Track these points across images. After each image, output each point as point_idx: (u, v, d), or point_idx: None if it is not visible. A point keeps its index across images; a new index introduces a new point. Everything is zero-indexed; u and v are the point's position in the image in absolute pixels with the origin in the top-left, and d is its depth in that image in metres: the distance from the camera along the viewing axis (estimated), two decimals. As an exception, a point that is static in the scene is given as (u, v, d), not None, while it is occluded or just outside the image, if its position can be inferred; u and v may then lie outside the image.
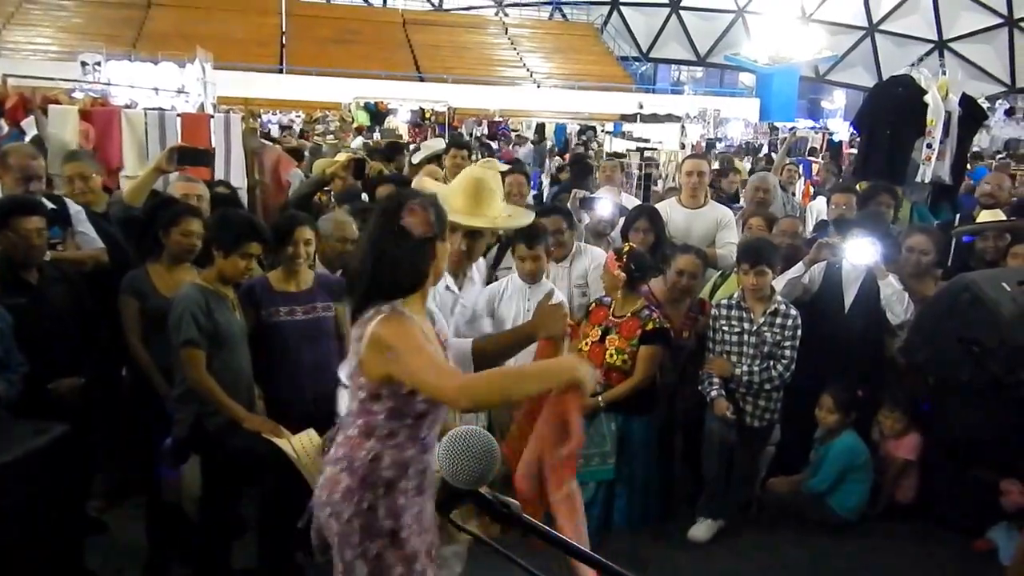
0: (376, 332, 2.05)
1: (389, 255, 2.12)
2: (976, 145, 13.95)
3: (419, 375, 2.02)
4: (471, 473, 1.21)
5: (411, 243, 2.11)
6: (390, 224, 2.12)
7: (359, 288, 2.16)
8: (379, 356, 2.05)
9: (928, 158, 6.13)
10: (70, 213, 3.93)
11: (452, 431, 1.25)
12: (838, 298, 4.43)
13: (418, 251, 2.13)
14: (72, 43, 21.94)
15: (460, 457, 1.21)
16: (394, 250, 2.12)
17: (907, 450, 4.34)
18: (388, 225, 2.13)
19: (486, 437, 1.23)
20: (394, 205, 2.16)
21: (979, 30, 27.86)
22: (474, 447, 1.22)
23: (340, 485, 2.14)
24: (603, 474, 3.91)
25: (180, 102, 9.78)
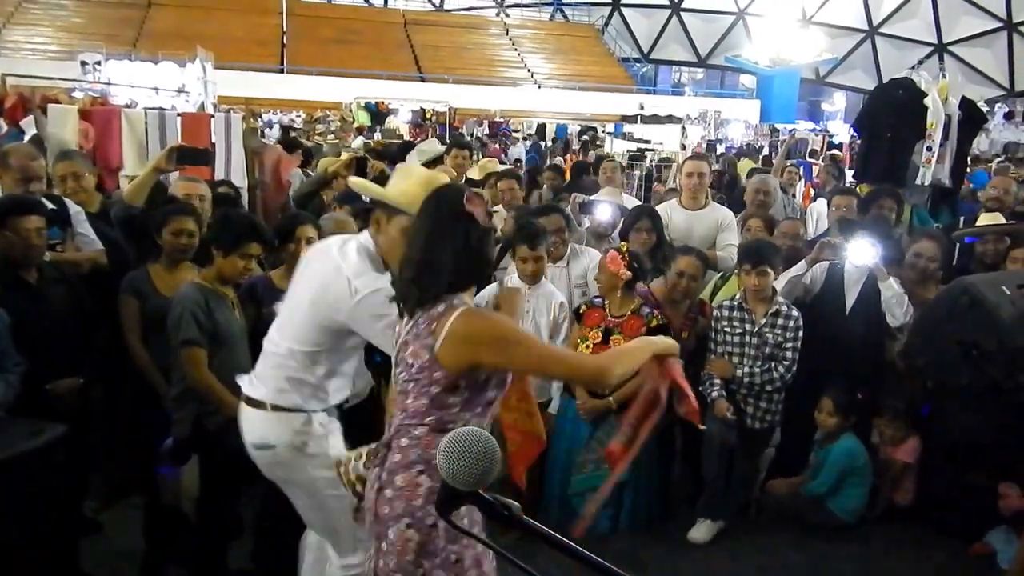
0: (461, 328, 2.03)
1: (462, 244, 2.08)
2: (975, 148, 13.97)
3: (546, 364, 2.19)
4: (471, 474, 1.20)
5: (480, 231, 2.10)
6: (456, 213, 2.09)
7: (428, 281, 2.08)
8: (466, 349, 2.03)
9: (928, 161, 6.13)
10: (70, 214, 3.93)
11: (452, 432, 1.24)
12: (839, 300, 4.43)
13: (485, 239, 2.14)
14: (72, 42, 21.94)
15: (460, 458, 1.21)
16: (465, 239, 2.08)
17: (906, 453, 4.34)
18: (454, 214, 2.09)
19: (486, 438, 1.23)
20: (456, 193, 2.15)
21: (978, 34, 27.87)
22: (474, 448, 1.21)
23: (421, 488, 2.07)
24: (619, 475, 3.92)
25: (180, 102, 9.77)
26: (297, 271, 2.71)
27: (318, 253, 2.68)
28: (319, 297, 2.50)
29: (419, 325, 2.09)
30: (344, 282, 2.43)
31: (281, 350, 2.61)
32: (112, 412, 3.83)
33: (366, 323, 2.45)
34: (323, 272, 2.51)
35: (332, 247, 2.59)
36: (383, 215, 2.52)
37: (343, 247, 2.54)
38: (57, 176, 4.18)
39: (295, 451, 2.62)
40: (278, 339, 2.63)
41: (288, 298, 2.68)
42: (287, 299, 2.69)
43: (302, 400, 2.62)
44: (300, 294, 2.60)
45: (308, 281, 2.58)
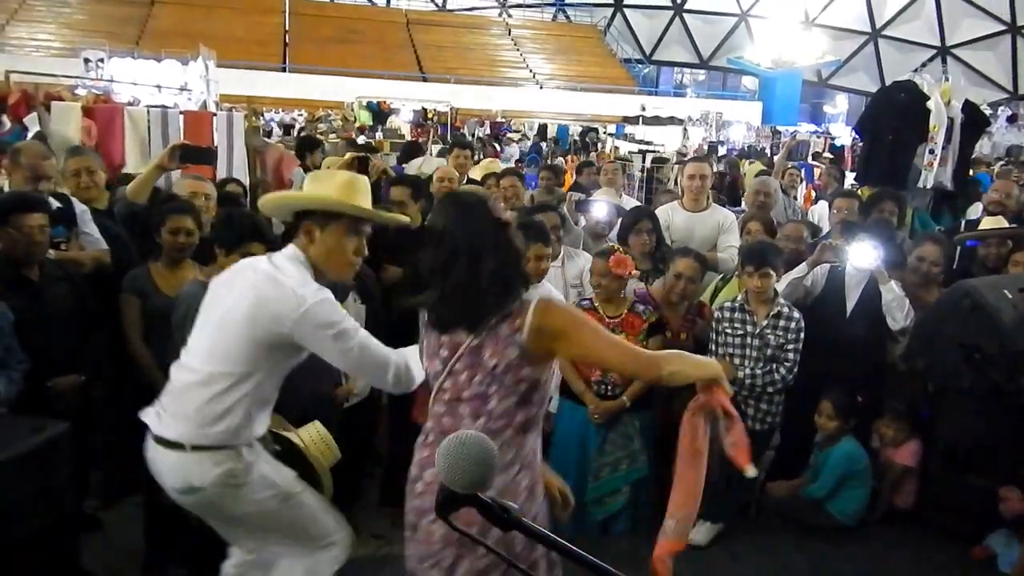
0: (544, 320, 2.08)
1: (508, 253, 2.14)
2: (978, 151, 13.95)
3: (612, 350, 2.16)
4: (470, 477, 1.20)
5: (512, 233, 2.17)
6: (493, 222, 2.14)
7: (495, 291, 2.09)
8: (549, 338, 2.09)
9: (930, 164, 6.14)
10: (76, 213, 3.94)
11: (451, 436, 1.24)
12: (840, 302, 4.43)
13: (518, 240, 2.20)
14: (75, 40, 21.99)
15: (459, 461, 1.21)
16: (508, 246, 2.14)
17: (906, 456, 4.33)
18: (492, 225, 2.14)
19: (484, 441, 1.23)
20: (481, 204, 2.20)
21: (982, 36, 27.87)
22: (472, 451, 1.21)
23: (522, 487, 2.15)
24: (636, 473, 3.93)
25: (183, 100, 9.78)
26: (212, 291, 2.53)
27: (243, 268, 2.50)
28: (257, 311, 2.33)
29: (494, 329, 2.10)
30: (287, 292, 2.31)
31: (199, 377, 2.40)
32: (113, 410, 3.83)
33: (313, 333, 2.33)
34: (256, 285, 2.36)
35: (258, 261, 2.47)
36: (315, 225, 2.42)
37: (271, 260, 2.42)
38: (70, 171, 4.16)
39: (228, 488, 2.41)
40: (196, 365, 2.43)
41: (206, 321, 2.48)
42: (203, 322, 2.49)
43: (227, 435, 2.39)
44: (228, 312, 2.39)
45: (238, 297, 2.38)
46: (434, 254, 2.15)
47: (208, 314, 2.48)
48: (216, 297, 2.48)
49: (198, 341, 2.47)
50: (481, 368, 2.11)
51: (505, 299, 2.10)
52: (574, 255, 4.50)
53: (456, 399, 2.16)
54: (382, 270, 4.26)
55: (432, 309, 2.20)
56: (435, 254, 2.14)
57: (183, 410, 2.41)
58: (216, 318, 2.43)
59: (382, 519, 4.10)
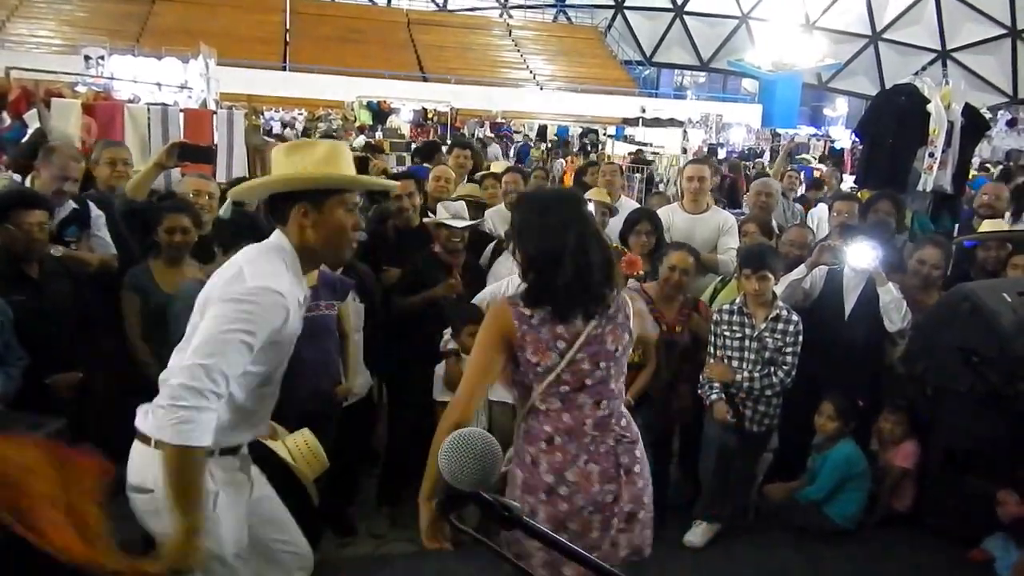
0: (637, 308, 2.41)
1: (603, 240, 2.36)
2: (977, 155, 13.98)
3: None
4: (473, 474, 1.20)
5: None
6: (587, 212, 2.38)
7: (610, 280, 2.30)
8: (639, 325, 2.41)
9: (930, 167, 6.13)
10: (91, 216, 4.00)
11: (454, 433, 1.24)
12: (839, 304, 4.43)
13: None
14: (75, 37, 21.98)
15: (462, 458, 1.20)
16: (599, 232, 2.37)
17: (904, 459, 4.34)
18: (589, 215, 2.37)
19: (488, 438, 1.23)
20: (574, 196, 2.45)
21: (982, 40, 27.91)
22: (476, 448, 1.21)
23: (639, 453, 2.41)
24: None
25: (183, 98, 9.77)
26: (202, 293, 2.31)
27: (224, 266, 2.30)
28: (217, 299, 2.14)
29: (611, 316, 2.31)
30: (236, 271, 2.13)
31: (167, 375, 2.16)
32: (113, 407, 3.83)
33: (219, 307, 2.06)
34: (223, 276, 2.19)
35: (237, 256, 2.26)
36: (308, 205, 2.18)
37: (246, 253, 2.23)
38: (106, 160, 4.41)
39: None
40: (173, 362, 2.20)
41: (193, 317, 2.27)
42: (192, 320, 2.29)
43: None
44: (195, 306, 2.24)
45: (210, 290, 2.21)
46: (539, 247, 2.24)
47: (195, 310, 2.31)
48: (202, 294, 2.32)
49: (187, 337, 2.26)
50: (604, 354, 2.29)
51: (612, 286, 2.31)
52: None
53: (578, 388, 2.28)
54: (381, 271, 4.26)
55: (547, 301, 2.25)
56: (541, 247, 2.23)
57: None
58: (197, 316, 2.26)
59: (380, 518, 4.10)
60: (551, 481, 2.28)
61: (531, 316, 2.26)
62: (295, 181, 2.21)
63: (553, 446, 2.28)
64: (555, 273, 2.21)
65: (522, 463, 2.33)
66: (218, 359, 2.01)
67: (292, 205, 2.19)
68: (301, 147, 2.29)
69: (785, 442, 4.55)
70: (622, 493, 2.33)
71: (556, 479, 2.28)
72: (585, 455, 2.29)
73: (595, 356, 2.27)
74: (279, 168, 2.25)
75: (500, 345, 2.26)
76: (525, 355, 2.26)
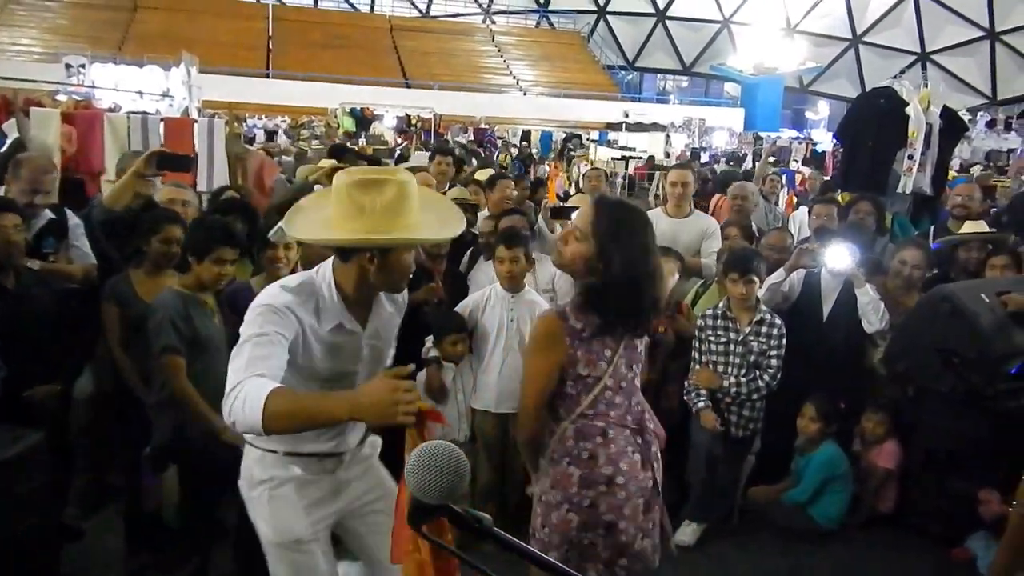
0: None
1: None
2: (956, 156, 14.10)
3: None
4: (439, 488, 1.19)
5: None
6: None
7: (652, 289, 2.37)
8: None
9: (909, 169, 6.20)
10: (69, 226, 3.94)
11: (420, 446, 1.23)
12: (817, 307, 4.46)
13: None
14: (56, 44, 21.80)
15: (428, 472, 1.20)
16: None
17: (887, 460, 4.36)
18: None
19: (455, 451, 1.22)
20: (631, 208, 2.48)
21: (961, 43, 28.18)
22: (442, 461, 1.20)
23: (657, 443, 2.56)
24: None
25: (164, 106, 9.73)
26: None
27: None
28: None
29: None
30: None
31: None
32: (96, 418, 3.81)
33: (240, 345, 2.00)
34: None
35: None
36: (373, 257, 2.09)
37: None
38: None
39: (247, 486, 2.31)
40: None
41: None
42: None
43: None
44: None
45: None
46: (627, 265, 2.29)
47: None
48: None
49: None
50: (635, 357, 2.47)
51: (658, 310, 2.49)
52: (545, 260, 4.51)
53: (617, 390, 2.41)
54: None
55: (601, 314, 2.33)
56: (631, 266, 2.30)
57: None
58: None
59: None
60: (610, 472, 2.38)
61: (582, 330, 2.34)
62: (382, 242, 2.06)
63: (608, 439, 2.40)
64: (636, 291, 2.32)
65: (578, 460, 2.39)
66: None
67: (352, 254, 2.11)
68: (369, 187, 2.05)
69: (768, 444, 4.56)
70: (656, 479, 2.50)
71: (614, 470, 2.39)
72: (630, 447, 2.43)
73: (630, 360, 2.45)
74: (343, 206, 2.07)
75: (556, 362, 2.35)
76: (576, 369, 2.36)
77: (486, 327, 3.95)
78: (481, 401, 4.01)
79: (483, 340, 3.97)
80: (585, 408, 2.39)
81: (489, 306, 3.97)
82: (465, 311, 4.01)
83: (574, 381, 2.38)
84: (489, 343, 3.95)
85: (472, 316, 3.99)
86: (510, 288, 3.94)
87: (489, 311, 3.96)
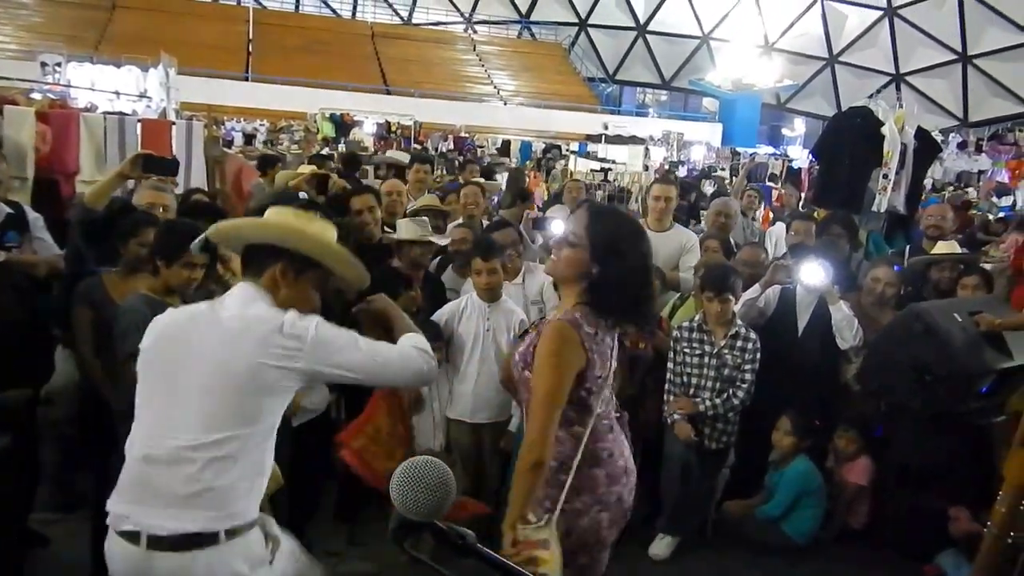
0: None
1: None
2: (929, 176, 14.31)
3: None
4: (425, 505, 1.17)
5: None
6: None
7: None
8: None
9: (884, 188, 6.27)
10: (28, 219, 3.86)
11: (406, 463, 1.21)
12: (791, 322, 4.49)
13: None
14: (32, 43, 21.47)
15: (414, 488, 1.18)
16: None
17: (859, 476, 4.40)
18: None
19: (441, 468, 1.20)
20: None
21: (934, 65, 28.65)
22: (428, 478, 1.18)
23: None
24: None
25: (142, 107, 9.62)
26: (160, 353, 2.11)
27: (189, 323, 2.12)
28: (241, 359, 2.00)
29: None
30: (270, 329, 2.01)
31: (203, 450, 1.97)
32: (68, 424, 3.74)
33: (339, 351, 2.05)
34: (226, 335, 2.03)
35: (206, 310, 2.12)
36: (291, 268, 2.12)
37: (225, 305, 2.10)
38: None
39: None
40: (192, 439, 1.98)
41: (168, 389, 2.06)
42: (165, 391, 2.08)
43: (244, 505, 2.03)
44: (201, 372, 2.02)
45: (211, 351, 2.03)
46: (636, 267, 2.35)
47: (168, 380, 2.07)
48: (170, 359, 2.08)
49: (177, 414, 2.03)
50: (616, 350, 2.51)
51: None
52: (534, 270, 4.51)
53: (608, 384, 2.44)
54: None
55: (611, 314, 2.36)
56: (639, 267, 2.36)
57: (184, 496, 1.95)
58: (184, 385, 2.04)
59: (337, 536, 4.03)
60: (624, 463, 2.46)
61: (595, 333, 2.35)
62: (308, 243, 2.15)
63: (615, 434, 2.47)
64: (640, 291, 2.38)
65: (600, 460, 2.40)
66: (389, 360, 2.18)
67: (277, 261, 2.13)
68: (302, 217, 2.21)
69: (742, 458, 4.59)
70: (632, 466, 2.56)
71: (626, 460, 2.47)
72: (621, 432, 2.52)
73: (615, 353, 2.51)
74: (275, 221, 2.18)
75: (573, 372, 2.30)
76: (593, 372, 2.35)
77: (462, 337, 3.94)
78: (456, 411, 3.99)
79: (459, 350, 3.96)
80: (598, 407, 2.41)
81: (466, 316, 3.96)
82: (441, 320, 3.99)
83: (590, 383, 2.35)
84: (465, 353, 3.93)
85: (448, 325, 3.97)
86: (488, 298, 3.93)
87: (466, 320, 3.95)
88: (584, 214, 2.39)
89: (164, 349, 2.11)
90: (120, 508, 2.00)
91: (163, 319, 2.18)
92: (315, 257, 2.17)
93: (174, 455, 1.98)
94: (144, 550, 1.93)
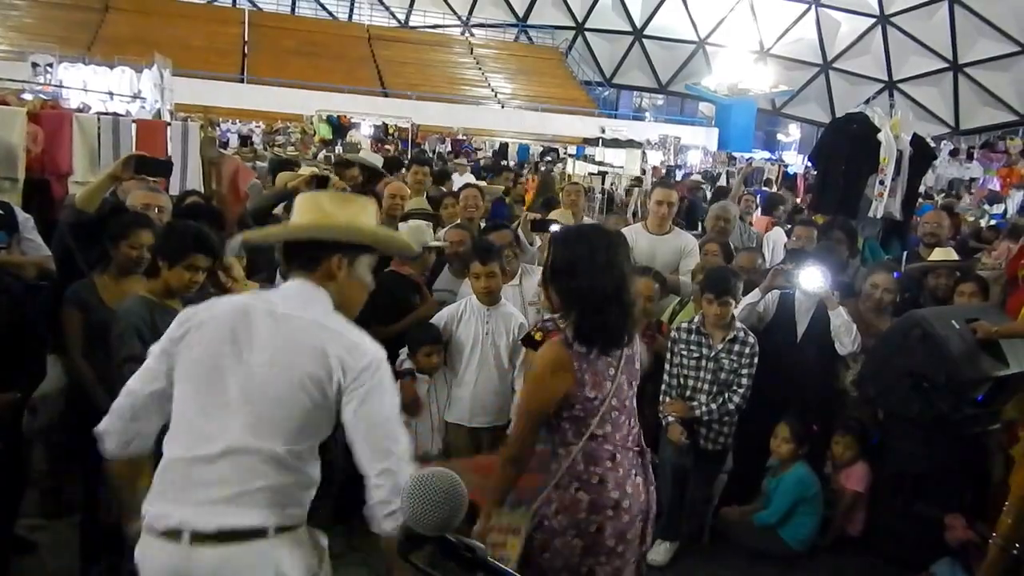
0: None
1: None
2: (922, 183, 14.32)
3: None
4: (436, 519, 1.15)
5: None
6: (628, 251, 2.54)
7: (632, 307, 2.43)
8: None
9: (880, 194, 6.28)
10: (18, 220, 3.81)
11: (415, 475, 1.18)
12: (790, 327, 4.48)
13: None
14: (24, 44, 21.35)
15: (425, 502, 1.15)
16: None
17: (856, 482, 4.38)
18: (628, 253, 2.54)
19: (453, 481, 1.17)
20: (621, 234, 2.59)
21: (926, 73, 28.78)
22: (439, 492, 1.15)
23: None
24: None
25: (135, 108, 9.56)
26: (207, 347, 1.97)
27: (240, 318, 1.98)
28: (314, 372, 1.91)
29: (633, 349, 2.48)
30: (346, 347, 1.94)
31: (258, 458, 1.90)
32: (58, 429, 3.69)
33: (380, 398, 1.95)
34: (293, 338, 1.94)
35: (259, 304, 2.00)
36: (343, 257, 2.04)
37: (288, 303, 1.99)
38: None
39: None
40: (254, 443, 1.89)
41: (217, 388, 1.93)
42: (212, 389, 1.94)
43: (301, 506, 2.03)
44: (260, 373, 1.92)
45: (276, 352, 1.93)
46: (594, 284, 2.33)
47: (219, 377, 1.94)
48: (218, 354, 1.95)
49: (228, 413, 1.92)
50: (634, 374, 2.49)
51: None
52: (531, 272, 4.49)
53: (620, 409, 2.43)
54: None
55: (599, 338, 2.37)
56: (597, 284, 2.33)
57: (244, 488, 1.87)
58: (248, 381, 1.93)
59: (336, 537, 3.98)
60: (617, 496, 2.39)
61: (588, 353, 2.37)
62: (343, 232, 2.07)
63: (616, 463, 2.41)
64: (607, 310, 2.34)
65: (588, 485, 2.39)
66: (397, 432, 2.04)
67: (328, 254, 2.04)
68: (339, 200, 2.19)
69: (740, 464, 4.57)
70: (652, 501, 2.53)
71: (621, 494, 2.40)
72: (633, 469, 2.45)
73: (629, 377, 2.47)
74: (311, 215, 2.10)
75: (561, 391, 2.35)
76: (584, 392, 2.36)
77: (461, 340, 3.91)
78: (454, 414, 3.96)
79: (458, 353, 3.93)
80: (595, 429, 2.39)
81: (464, 319, 3.94)
82: (440, 323, 3.97)
83: (581, 404, 2.38)
84: (464, 356, 3.91)
85: (447, 328, 3.95)
86: (487, 302, 3.91)
87: (464, 324, 3.93)
88: (547, 249, 2.50)
89: (211, 343, 1.97)
90: (160, 508, 1.89)
91: (202, 310, 2.04)
92: (369, 243, 2.14)
93: (225, 454, 1.88)
94: (186, 545, 1.84)
